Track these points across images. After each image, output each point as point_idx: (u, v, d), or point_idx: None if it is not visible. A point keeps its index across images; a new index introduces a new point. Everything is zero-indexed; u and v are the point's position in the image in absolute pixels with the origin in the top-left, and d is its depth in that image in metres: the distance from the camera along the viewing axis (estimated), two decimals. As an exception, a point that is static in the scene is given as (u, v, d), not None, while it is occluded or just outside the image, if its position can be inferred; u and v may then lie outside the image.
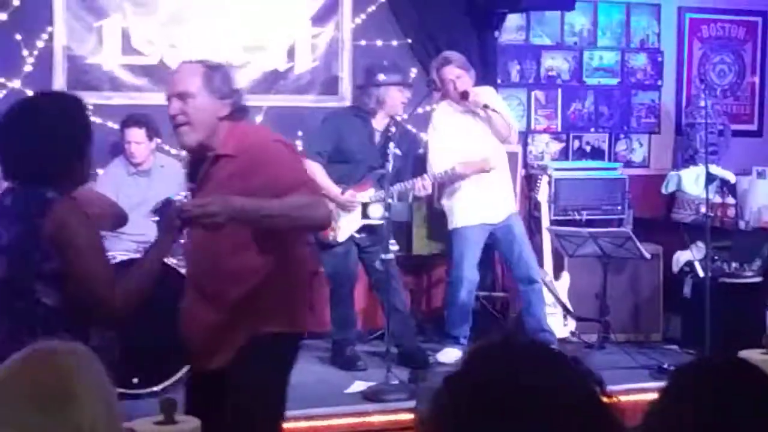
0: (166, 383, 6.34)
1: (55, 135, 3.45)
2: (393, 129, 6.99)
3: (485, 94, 7.38)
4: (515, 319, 7.63)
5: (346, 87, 8.31)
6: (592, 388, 1.76)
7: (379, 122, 7.11)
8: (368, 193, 6.98)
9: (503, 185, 7.39)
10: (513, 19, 8.76)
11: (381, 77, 7.09)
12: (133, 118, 7.24)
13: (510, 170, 7.68)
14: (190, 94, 3.82)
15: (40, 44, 7.62)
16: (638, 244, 7.45)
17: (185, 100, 3.84)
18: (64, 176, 3.43)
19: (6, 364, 2.02)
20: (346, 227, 6.98)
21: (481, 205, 7.22)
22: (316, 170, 6.80)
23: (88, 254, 3.37)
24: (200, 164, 3.98)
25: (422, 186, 6.98)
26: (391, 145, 6.80)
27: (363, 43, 8.29)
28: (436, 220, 7.83)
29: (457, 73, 7.16)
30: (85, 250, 3.36)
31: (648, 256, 7.59)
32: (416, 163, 7.44)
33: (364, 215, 6.92)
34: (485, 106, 7.15)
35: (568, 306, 7.69)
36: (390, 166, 6.71)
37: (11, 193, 3.51)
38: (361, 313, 7.81)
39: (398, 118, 7.18)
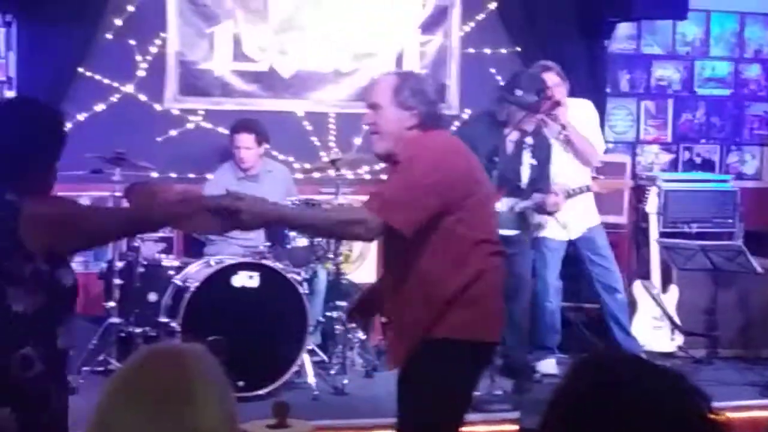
0: (272, 387, 6.41)
1: (14, 140, 3.45)
2: (529, 139, 6.77)
3: (578, 108, 7.28)
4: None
5: (453, 95, 8.30)
6: (699, 404, 1.73)
7: (512, 132, 6.91)
8: (500, 204, 6.85)
9: (586, 199, 7.30)
10: (624, 28, 8.67)
11: (517, 93, 6.59)
12: (243, 123, 7.33)
13: (617, 180, 7.58)
14: (380, 105, 4.01)
15: (153, 50, 7.77)
16: (750, 257, 7.30)
17: (376, 110, 4.04)
18: (23, 181, 3.39)
19: (127, 363, 2.07)
20: None
21: (564, 219, 7.17)
22: None
23: (63, 207, 3.51)
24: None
25: (554, 201, 6.81)
26: (526, 155, 6.74)
27: (471, 50, 8.28)
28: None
29: (555, 80, 7.06)
30: (59, 208, 3.48)
31: (760, 270, 7.42)
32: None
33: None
34: (562, 126, 7.05)
35: (676, 320, 7.57)
36: (526, 176, 6.69)
37: None
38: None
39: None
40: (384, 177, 4.15)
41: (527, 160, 6.69)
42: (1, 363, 3.28)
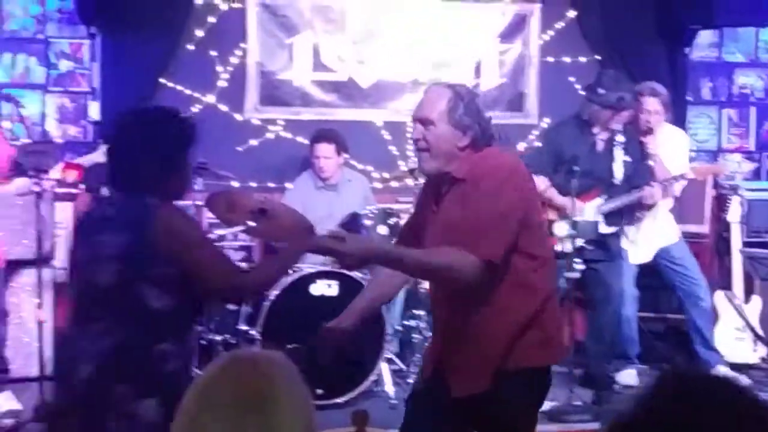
0: (350, 395, 6.43)
1: (153, 148, 3.57)
2: (619, 137, 6.75)
3: (670, 137, 7.21)
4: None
5: (532, 104, 8.27)
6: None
7: (601, 131, 6.81)
8: (595, 203, 6.83)
9: (665, 212, 7.25)
10: (705, 36, 8.57)
11: (600, 92, 6.69)
12: (323, 133, 7.37)
13: (699, 190, 7.49)
14: (432, 122, 3.75)
15: (233, 60, 7.86)
16: (836, 268, 7.16)
17: (427, 126, 3.78)
18: (160, 186, 3.56)
19: (208, 369, 2.11)
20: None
21: (645, 234, 7.12)
22: (540, 183, 6.83)
23: (197, 249, 3.51)
24: (441, 183, 3.91)
25: (651, 193, 6.81)
26: (618, 152, 6.72)
27: (551, 59, 8.24)
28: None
29: (657, 108, 7.01)
30: (194, 247, 3.50)
31: None
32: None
33: (549, 233, 6.88)
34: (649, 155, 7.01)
35: (759, 331, 7.45)
36: (620, 174, 6.68)
37: (111, 203, 3.66)
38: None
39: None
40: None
41: (620, 157, 6.68)
42: (143, 356, 3.42)
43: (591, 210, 6.77)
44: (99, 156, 6.20)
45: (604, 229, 6.76)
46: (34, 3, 7.69)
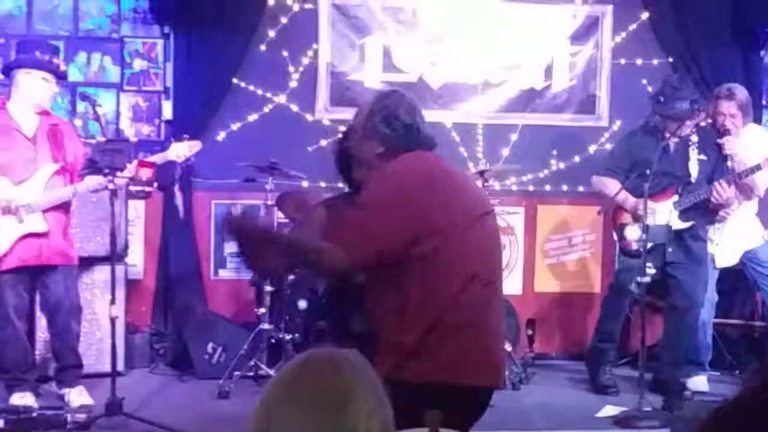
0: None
1: None
2: (694, 137, 6.75)
3: (751, 136, 7.11)
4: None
5: (603, 106, 8.20)
6: None
7: (672, 136, 6.77)
8: (668, 204, 6.78)
9: (750, 214, 7.15)
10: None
11: (660, 101, 6.72)
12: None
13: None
14: (356, 132, 3.73)
15: (305, 60, 7.90)
16: None
17: (354, 136, 3.76)
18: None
19: (287, 366, 2.13)
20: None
21: (728, 236, 7.03)
22: (609, 184, 6.87)
23: None
24: None
25: (717, 191, 6.73)
26: (692, 151, 6.69)
27: (622, 61, 8.16)
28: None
29: (733, 112, 6.93)
30: None
31: None
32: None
33: (621, 237, 6.83)
34: (729, 157, 6.91)
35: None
36: (695, 173, 6.67)
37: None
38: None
39: (702, 124, 6.97)
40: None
41: (695, 156, 6.62)
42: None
43: (664, 211, 6.72)
44: (171, 154, 6.26)
45: (677, 224, 6.71)
46: (110, 2, 7.79)
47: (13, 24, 7.66)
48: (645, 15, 8.17)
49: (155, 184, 6.58)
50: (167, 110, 7.82)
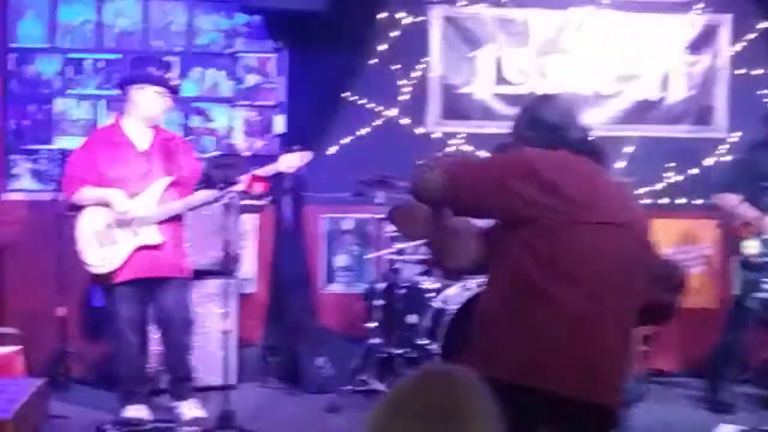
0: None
1: None
2: None
3: None
4: None
5: (722, 117, 8.01)
6: None
7: None
8: None
9: None
10: None
11: None
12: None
13: None
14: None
15: (416, 74, 7.87)
16: None
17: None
18: None
19: (401, 381, 2.13)
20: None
21: None
22: (729, 197, 6.71)
23: None
24: None
25: None
26: None
27: (742, 71, 7.96)
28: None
29: None
30: None
31: None
32: None
33: (740, 251, 6.65)
34: None
35: None
36: None
37: None
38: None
39: None
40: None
41: None
42: None
43: None
44: (282, 165, 6.28)
45: None
46: (223, 18, 7.86)
47: (129, 40, 7.79)
48: (764, 25, 7.96)
49: (268, 198, 6.61)
50: (280, 124, 7.86)
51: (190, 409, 6.25)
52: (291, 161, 6.31)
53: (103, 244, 6.13)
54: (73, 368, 7.26)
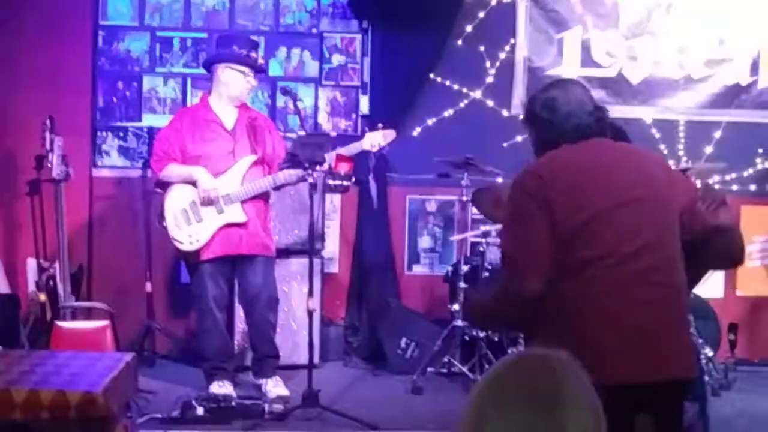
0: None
1: None
2: None
3: None
4: None
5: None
6: None
7: None
8: None
9: None
10: None
11: None
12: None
13: None
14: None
15: (501, 55, 7.82)
16: None
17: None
18: None
19: (496, 366, 2.11)
20: None
21: None
22: None
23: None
24: None
25: None
26: None
27: (836, 56, 7.80)
28: None
29: None
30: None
31: None
32: None
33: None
34: None
35: None
36: None
37: None
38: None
39: None
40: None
41: None
42: None
43: None
44: (366, 144, 6.29)
45: None
46: (309, -2, 7.89)
47: (217, 19, 7.84)
48: None
49: (353, 179, 6.62)
50: (364, 105, 7.87)
51: (274, 386, 6.29)
52: (375, 139, 6.31)
53: (190, 221, 6.20)
54: (160, 344, 7.36)
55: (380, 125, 6.41)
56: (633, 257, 3.28)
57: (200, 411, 5.77)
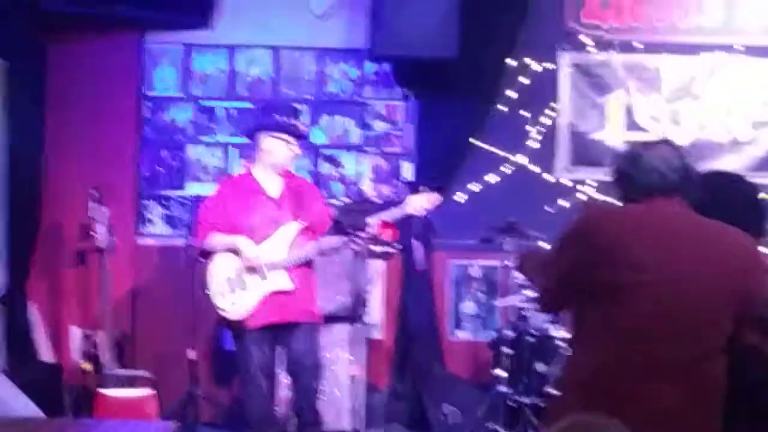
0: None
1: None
2: None
3: None
4: None
5: None
6: None
7: None
8: None
9: None
10: None
11: None
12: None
13: None
14: None
15: (545, 120, 7.82)
16: None
17: None
18: None
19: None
20: None
21: None
22: None
23: None
24: None
25: None
26: None
27: None
28: None
29: None
30: None
31: None
32: None
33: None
34: None
35: None
36: None
37: None
38: None
39: None
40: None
41: None
42: None
43: None
44: (409, 207, 6.27)
45: None
46: (353, 67, 7.94)
47: (261, 88, 7.92)
48: None
49: (397, 245, 6.61)
50: (407, 171, 7.89)
51: (317, 453, 6.25)
52: (418, 203, 6.29)
53: (234, 289, 6.19)
54: (203, 411, 7.34)
55: (424, 188, 6.40)
56: (653, 340, 3.24)
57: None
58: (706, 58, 7.83)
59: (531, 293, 6.85)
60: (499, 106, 7.80)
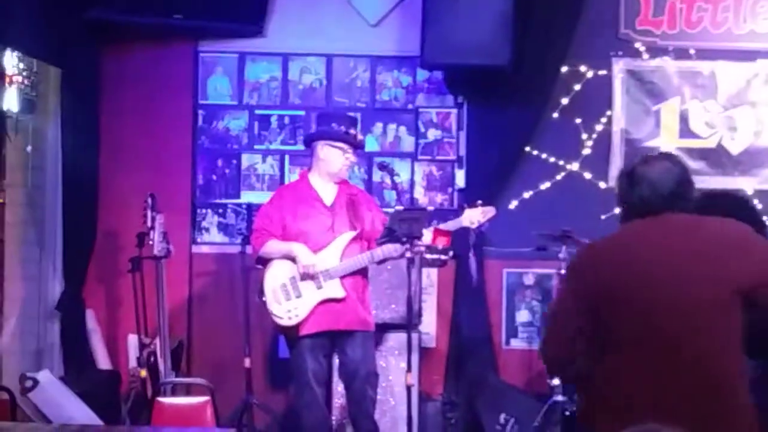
0: None
1: None
2: None
3: None
4: None
5: None
6: None
7: None
8: None
9: None
10: None
11: None
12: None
13: None
14: None
15: (598, 127, 7.79)
16: None
17: None
18: None
19: None
20: None
21: None
22: None
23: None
24: None
25: None
26: None
27: None
28: None
29: None
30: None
31: None
32: None
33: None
34: None
35: None
36: None
37: None
38: None
39: None
40: None
41: None
42: None
43: None
44: (465, 220, 6.28)
45: None
46: (405, 75, 7.95)
47: (314, 96, 7.95)
48: None
49: (451, 253, 6.61)
50: (460, 179, 7.88)
51: (369, 463, 6.26)
52: (474, 216, 6.30)
53: (289, 296, 6.23)
54: (258, 419, 7.37)
55: (479, 202, 6.41)
56: (665, 348, 3.33)
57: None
58: (762, 64, 7.77)
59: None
60: (553, 114, 7.78)
